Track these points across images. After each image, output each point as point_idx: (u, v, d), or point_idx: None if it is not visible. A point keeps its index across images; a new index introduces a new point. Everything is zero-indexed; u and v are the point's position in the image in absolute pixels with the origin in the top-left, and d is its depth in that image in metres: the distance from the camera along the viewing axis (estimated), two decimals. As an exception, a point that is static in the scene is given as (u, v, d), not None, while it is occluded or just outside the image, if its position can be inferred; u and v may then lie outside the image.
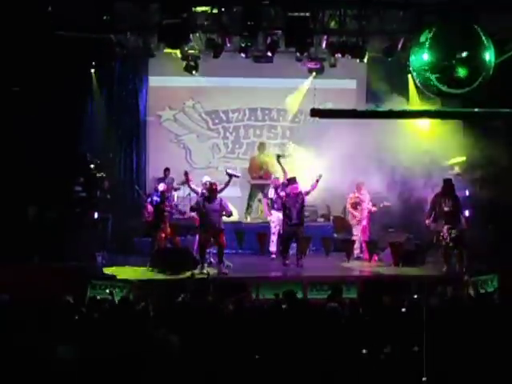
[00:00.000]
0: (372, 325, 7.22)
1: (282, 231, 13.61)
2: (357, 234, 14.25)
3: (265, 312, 8.07)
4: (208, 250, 13.12)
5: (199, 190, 13.05)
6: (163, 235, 13.31)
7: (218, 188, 12.71)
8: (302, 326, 7.04)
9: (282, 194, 13.33)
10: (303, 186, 13.29)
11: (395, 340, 6.58)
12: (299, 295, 9.79)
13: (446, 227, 12.78)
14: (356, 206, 14.22)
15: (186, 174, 13.14)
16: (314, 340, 6.57)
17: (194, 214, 13.48)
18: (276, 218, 14.11)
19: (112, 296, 9.72)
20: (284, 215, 13.33)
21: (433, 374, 5.99)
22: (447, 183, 13.17)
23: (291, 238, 13.35)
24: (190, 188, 13.32)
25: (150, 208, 13.37)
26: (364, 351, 6.10)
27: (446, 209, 12.87)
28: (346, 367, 5.99)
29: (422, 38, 10.96)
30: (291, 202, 13.15)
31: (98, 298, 9.57)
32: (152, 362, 5.94)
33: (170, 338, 6.48)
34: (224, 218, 12.87)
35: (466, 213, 13.62)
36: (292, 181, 13.30)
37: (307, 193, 13.27)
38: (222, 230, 12.73)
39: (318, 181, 13.14)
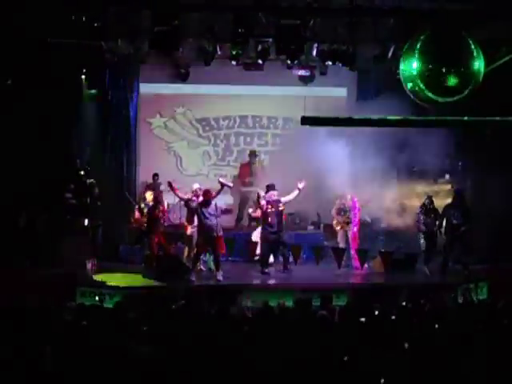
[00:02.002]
0: (361, 332, 7.21)
1: (262, 239, 13.43)
2: (339, 240, 14.10)
3: (256, 319, 8.04)
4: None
5: (187, 197, 13.03)
6: (156, 242, 13.26)
7: (213, 194, 12.66)
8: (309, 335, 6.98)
9: (263, 202, 13.25)
10: (285, 194, 13.30)
11: (385, 346, 6.57)
12: (289, 303, 9.77)
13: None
14: (340, 212, 14.04)
15: (170, 184, 13.05)
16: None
17: (184, 221, 13.52)
18: None
19: (101, 303, 9.68)
20: (264, 223, 13.29)
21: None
22: (458, 194, 13.06)
23: (273, 246, 13.31)
24: (178, 197, 13.29)
25: (137, 215, 13.32)
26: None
27: (454, 221, 12.82)
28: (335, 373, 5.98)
29: (412, 46, 10.99)
30: (272, 209, 13.13)
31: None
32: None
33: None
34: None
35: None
36: (270, 187, 13.27)
37: (286, 202, 13.28)
38: (221, 237, 12.68)
39: (299, 190, 13.13)
